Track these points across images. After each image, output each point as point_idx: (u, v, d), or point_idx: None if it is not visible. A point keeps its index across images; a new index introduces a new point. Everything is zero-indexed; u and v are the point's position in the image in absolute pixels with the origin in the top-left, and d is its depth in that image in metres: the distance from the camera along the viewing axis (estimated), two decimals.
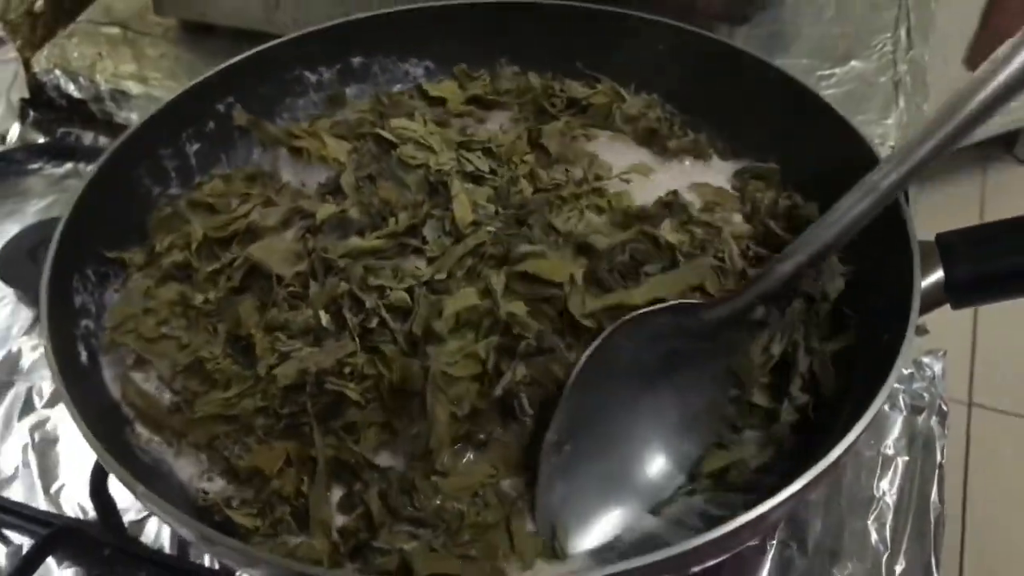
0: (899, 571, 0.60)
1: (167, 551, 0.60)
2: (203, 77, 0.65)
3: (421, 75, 0.73)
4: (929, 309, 0.52)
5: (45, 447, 0.66)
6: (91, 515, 0.61)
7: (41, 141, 0.89)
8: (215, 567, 0.59)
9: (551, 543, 0.49)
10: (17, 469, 0.65)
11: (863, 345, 0.55)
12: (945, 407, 0.67)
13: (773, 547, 0.59)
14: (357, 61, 0.71)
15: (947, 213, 0.56)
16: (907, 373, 0.69)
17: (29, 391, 0.69)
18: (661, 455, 0.52)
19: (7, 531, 0.61)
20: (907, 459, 0.65)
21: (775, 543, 0.59)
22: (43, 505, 0.63)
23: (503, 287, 0.54)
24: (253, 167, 0.68)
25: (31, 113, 0.90)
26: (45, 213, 0.82)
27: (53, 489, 0.64)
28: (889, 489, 0.63)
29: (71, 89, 0.90)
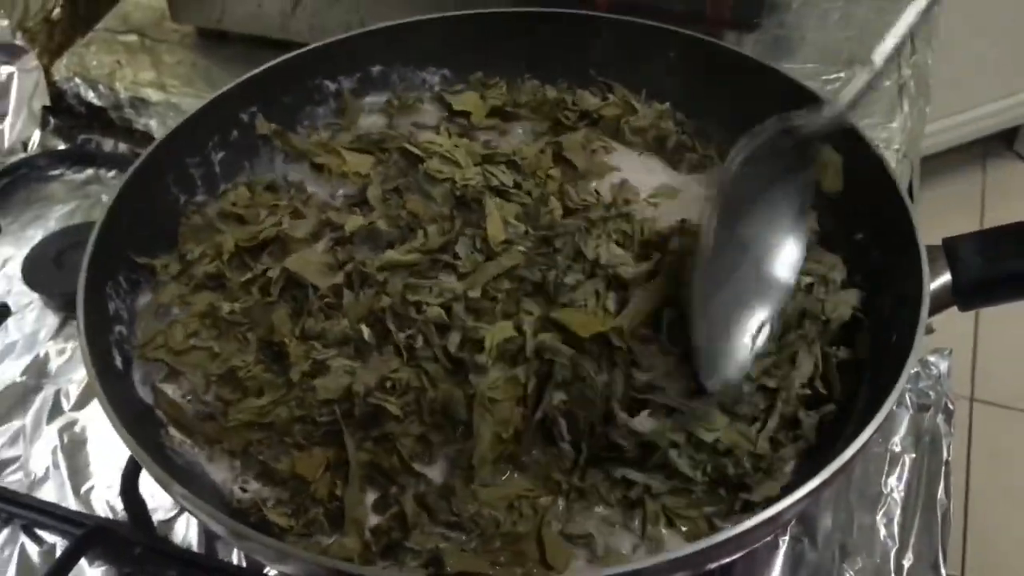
0: (907, 566, 0.61)
1: (195, 550, 0.62)
2: (227, 88, 0.67)
3: (438, 83, 0.74)
4: (937, 311, 0.54)
5: (74, 449, 0.68)
6: (121, 515, 0.63)
7: (62, 148, 0.91)
8: (243, 565, 0.61)
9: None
10: (48, 470, 0.66)
11: (872, 346, 0.56)
12: (951, 405, 0.69)
13: (785, 542, 0.60)
14: (376, 70, 0.73)
15: (948, 209, 0.58)
16: (913, 372, 0.70)
17: (57, 394, 0.71)
18: (781, 252, 0.57)
19: (40, 531, 0.63)
20: (914, 456, 0.66)
21: (787, 538, 0.61)
22: (74, 505, 0.64)
23: (534, 328, 0.56)
24: (273, 176, 0.70)
25: (52, 120, 0.92)
26: (67, 219, 0.84)
27: (83, 490, 0.65)
28: (897, 485, 0.65)
29: (91, 97, 0.92)
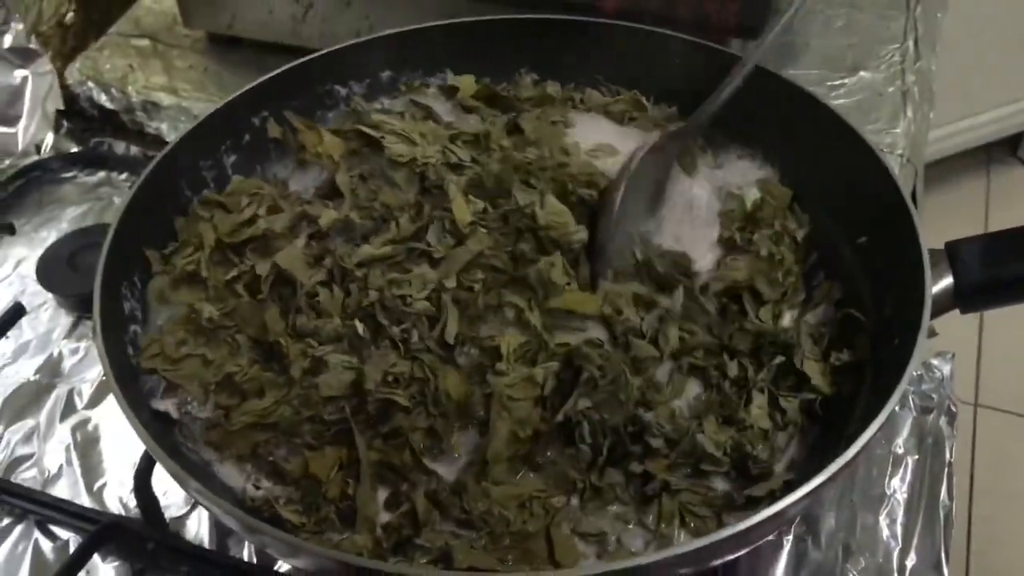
0: (910, 566, 0.62)
1: (207, 546, 0.63)
2: (239, 92, 0.68)
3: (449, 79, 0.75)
4: (939, 314, 0.54)
5: (87, 447, 0.69)
6: (134, 512, 0.64)
7: (75, 150, 0.92)
8: (254, 561, 0.62)
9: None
10: (61, 468, 0.67)
11: (874, 348, 0.57)
12: (954, 407, 0.69)
13: (789, 541, 0.61)
14: (386, 76, 0.74)
15: (952, 214, 0.59)
16: (916, 375, 0.71)
17: (70, 393, 0.72)
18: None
19: (53, 527, 0.64)
20: (917, 458, 0.67)
21: (791, 537, 0.61)
22: (87, 502, 0.65)
23: (540, 321, 0.58)
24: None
25: (65, 123, 0.93)
26: (80, 220, 0.85)
27: (96, 487, 0.66)
28: (900, 486, 0.66)
29: (103, 100, 0.93)
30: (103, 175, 0.90)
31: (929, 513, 0.64)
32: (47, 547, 0.63)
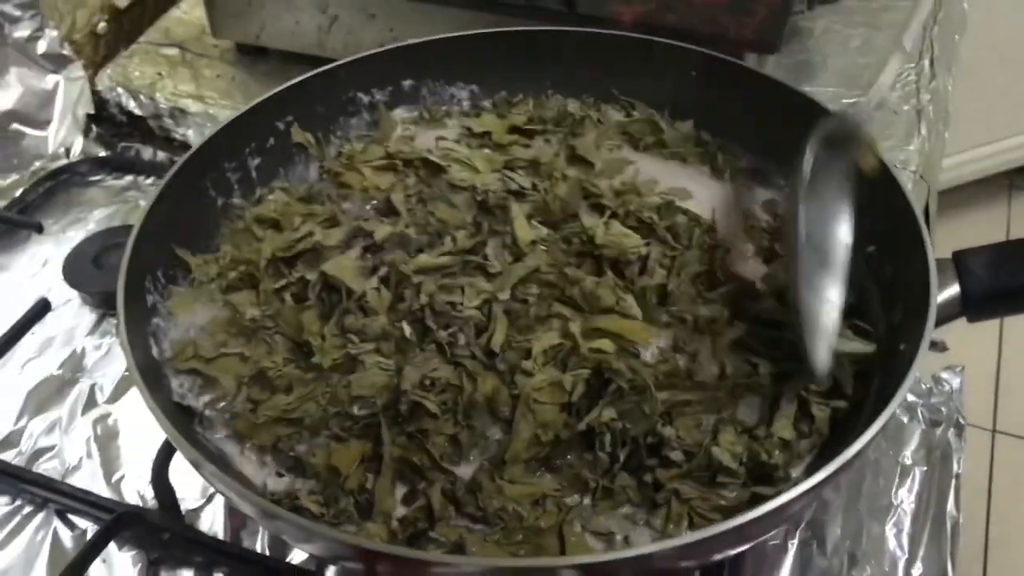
0: (916, 575, 0.62)
1: (221, 538, 0.64)
2: (265, 96, 0.70)
3: (466, 97, 0.77)
4: (945, 322, 0.55)
5: (107, 440, 0.70)
6: (151, 503, 0.65)
7: (103, 155, 0.94)
8: (267, 553, 0.63)
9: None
10: (81, 460, 0.69)
11: (882, 356, 0.58)
12: (962, 420, 0.70)
13: (794, 545, 0.62)
14: (407, 84, 0.76)
15: (973, 241, 0.59)
16: (926, 388, 0.72)
17: (92, 387, 0.73)
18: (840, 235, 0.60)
19: (73, 516, 0.65)
20: (925, 469, 0.68)
21: (796, 542, 0.62)
22: (105, 493, 0.66)
23: (581, 331, 0.59)
24: (308, 186, 0.73)
25: (94, 128, 0.95)
26: (107, 222, 0.87)
27: (114, 479, 0.68)
28: (907, 497, 0.66)
29: (132, 106, 0.95)
30: (130, 179, 0.92)
31: (936, 524, 0.65)
32: (66, 536, 0.64)
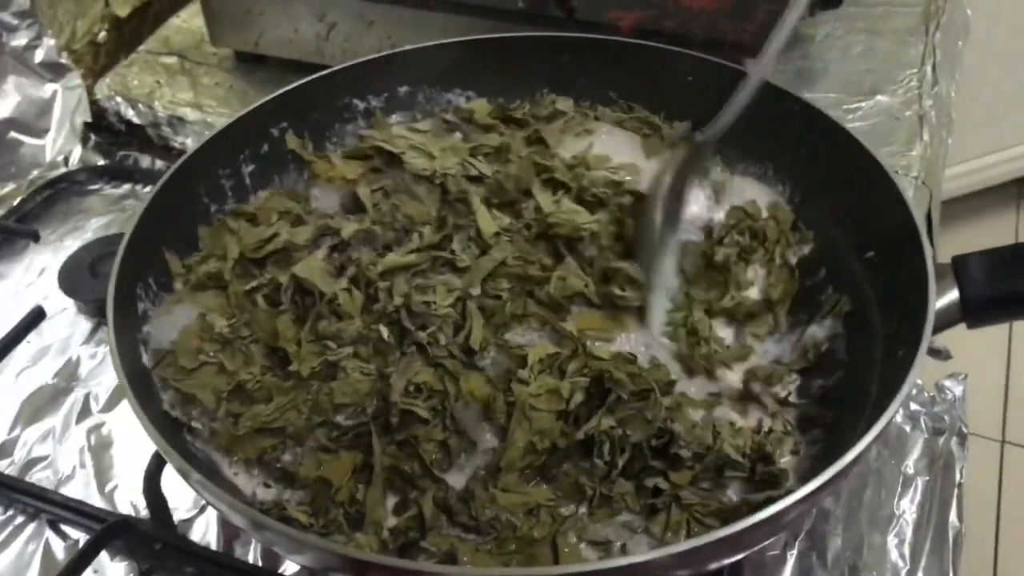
0: None
1: (214, 548, 0.63)
2: (259, 103, 0.70)
3: (463, 104, 0.76)
4: (944, 328, 0.54)
5: (100, 449, 0.70)
6: (143, 513, 0.65)
7: (101, 163, 0.94)
8: (259, 564, 0.62)
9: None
10: (74, 469, 0.68)
11: (882, 364, 0.57)
12: (965, 429, 0.69)
13: (793, 556, 0.61)
14: (403, 91, 0.75)
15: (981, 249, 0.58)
16: (928, 396, 0.71)
17: (87, 397, 0.73)
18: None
19: (65, 526, 0.65)
20: (927, 479, 0.67)
21: (795, 552, 0.61)
22: (98, 503, 0.66)
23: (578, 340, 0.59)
24: (292, 188, 0.72)
25: (92, 137, 0.95)
26: (104, 231, 0.87)
27: (107, 488, 0.67)
28: (909, 507, 0.65)
29: (130, 115, 0.95)
30: (128, 188, 0.92)
31: (938, 535, 0.64)
32: (58, 546, 0.64)
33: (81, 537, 0.64)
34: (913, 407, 0.70)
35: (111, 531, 0.61)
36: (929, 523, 0.64)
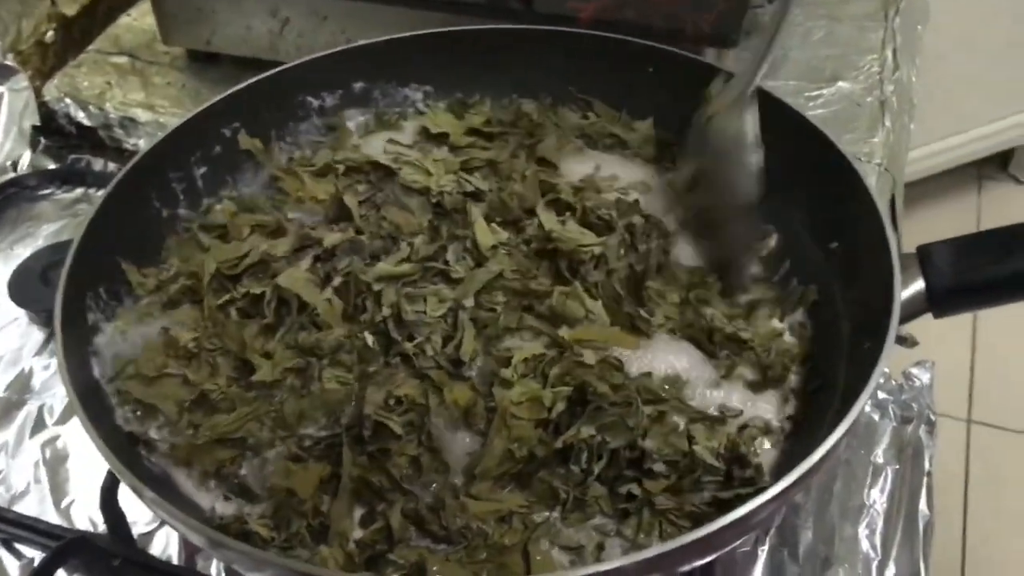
0: None
1: (175, 562, 0.62)
2: (210, 103, 0.68)
3: (420, 99, 0.75)
4: (911, 318, 0.54)
5: (56, 463, 0.68)
6: (101, 528, 0.63)
7: (52, 167, 0.91)
8: None
9: None
10: (29, 485, 0.67)
11: (849, 356, 0.56)
12: (933, 417, 0.69)
13: (764, 552, 0.60)
14: (358, 87, 0.74)
15: (943, 231, 0.58)
16: (896, 384, 0.71)
17: (40, 409, 0.71)
18: None
19: (19, 545, 0.63)
20: (896, 468, 0.66)
21: (766, 548, 0.60)
22: (54, 519, 0.64)
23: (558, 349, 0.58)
24: (256, 196, 0.70)
25: (42, 140, 0.93)
26: (56, 237, 0.84)
27: (64, 504, 0.65)
28: (880, 497, 0.65)
29: (81, 117, 0.92)
30: (80, 192, 0.89)
31: (909, 524, 0.64)
32: (12, 566, 0.62)
33: (36, 556, 0.62)
34: (881, 395, 0.70)
35: (68, 548, 0.60)
36: (899, 513, 0.64)
